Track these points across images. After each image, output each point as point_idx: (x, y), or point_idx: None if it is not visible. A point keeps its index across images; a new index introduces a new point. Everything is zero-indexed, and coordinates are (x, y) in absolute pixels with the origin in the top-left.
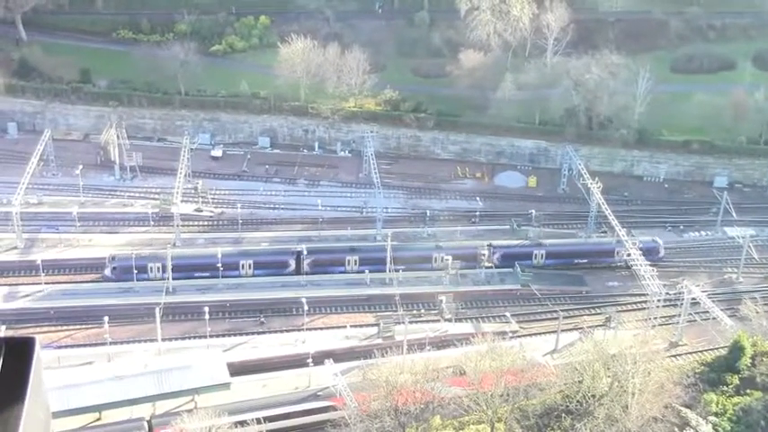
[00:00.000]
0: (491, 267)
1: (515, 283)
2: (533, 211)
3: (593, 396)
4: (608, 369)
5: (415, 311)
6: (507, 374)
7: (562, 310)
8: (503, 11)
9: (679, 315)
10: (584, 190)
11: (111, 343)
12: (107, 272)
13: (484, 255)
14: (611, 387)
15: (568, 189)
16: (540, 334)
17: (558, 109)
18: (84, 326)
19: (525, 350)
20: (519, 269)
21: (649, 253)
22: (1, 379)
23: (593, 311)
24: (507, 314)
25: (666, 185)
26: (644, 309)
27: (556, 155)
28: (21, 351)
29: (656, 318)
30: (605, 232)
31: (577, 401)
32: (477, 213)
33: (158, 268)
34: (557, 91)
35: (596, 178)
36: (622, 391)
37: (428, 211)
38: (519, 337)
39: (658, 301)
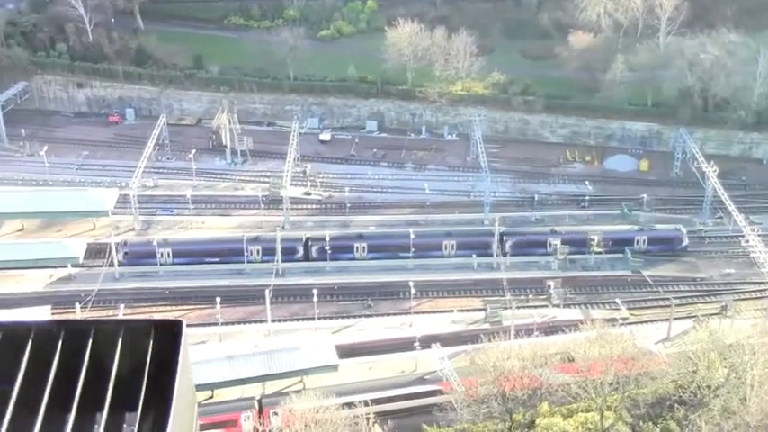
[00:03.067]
0: (601, 253)
1: (626, 268)
2: (645, 195)
3: (708, 387)
4: (724, 359)
5: (522, 297)
6: (617, 362)
7: (675, 298)
8: None
9: None
10: (699, 174)
11: (222, 323)
12: (119, 257)
13: (501, 243)
14: (728, 378)
15: (682, 173)
16: (651, 321)
17: (672, 90)
18: (197, 306)
19: (636, 338)
20: (630, 255)
21: (671, 242)
22: (153, 357)
23: (708, 299)
24: (617, 300)
25: None
26: (763, 297)
27: (669, 138)
28: (170, 332)
29: None
30: (721, 218)
31: (691, 392)
32: (587, 198)
33: (168, 254)
34: (670, 72)
35: (712, 162)
36: (740, 382)
37: (536, 196)
38: (629, 324)
39: None
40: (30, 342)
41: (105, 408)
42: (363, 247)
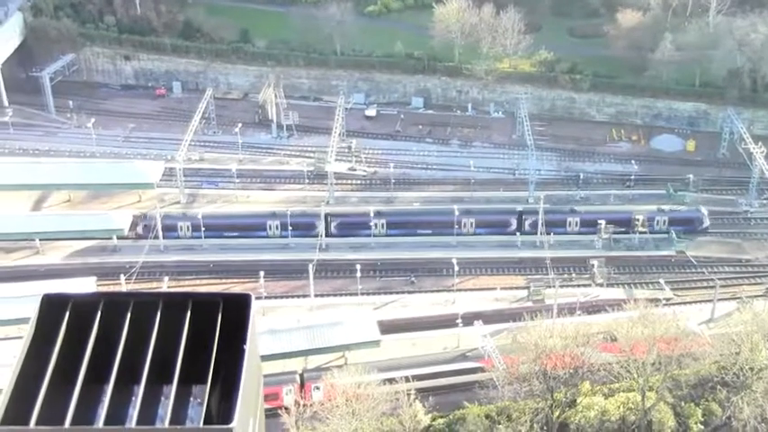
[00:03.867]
0: (645, 233)
1: (670, 248)
2: (691, 175)
3: (752, 369)
4: None
5: (566, 275)
6: (660, 342)
7: (719, 279)
8: None
9: None
10: (746, 155)
11: (265, 297)
12: (139, 229)
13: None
14: None
15: (729, 154)
16: (695, 302)
17: (720, 70)
18: (240, 280)
19: (679, 318)
20: (674, 235)
21: (691, 223)
22: (221, 331)
23: (753, 281)
24: (661, 281)
25: None
26: None
27: (716, 118)
28: (239, 306)
29: None
30: None
31: (734, 374)
32: (632, 177)
33: (188, 227)
34: (719, 52)
35: (759, 143)
36: None
37: (581, 174)
38: (673, 304)
39: None
40: (98, 314)
41: (174, 381)
42: (382, 224)
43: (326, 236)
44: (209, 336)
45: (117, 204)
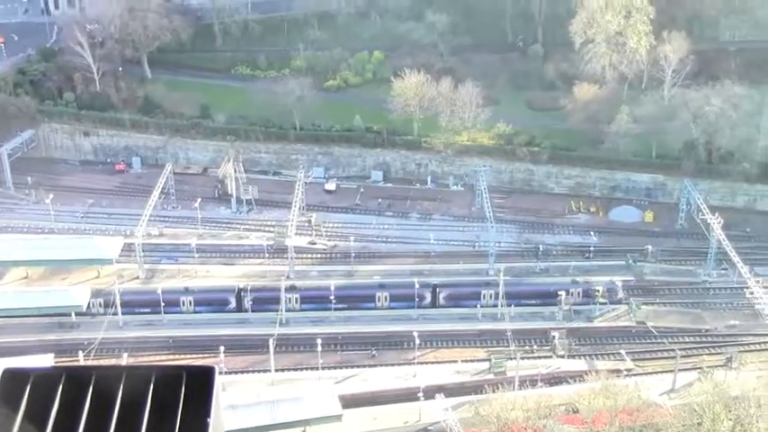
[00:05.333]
0: (605, 304)
1: (631, 319)
2: (650, 246)
3: None
4: (729, 412)
5: (527, 347)
6: (621, 414)
7: (680, 349)
8: (619, 43)
9: None
10: (704, 225)
11: (225, 372)
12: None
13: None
14: (733, 431)
15: (686, 224)
16: (656, 373)
17: (676, 142)
18: (200, 355)
19: (640, 389)
20: (634, 305)
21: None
22: (185, 404)
23: (713, 351)
24: (622, 351)
25: None
26: None
27: (673, 189)
28: (202, 378)
29: None
30: (726, 269)
31: None
32: (592, 248)
33: (99, 304)
34: (674, 124)
35: (716, 213)
36: None
37: (541, 246)
38: (634, 375)
39: None
40: (60, 387)
41: None
42: (295, 299)
43: (241, 311)
44: (173, 409)
45: (75, 280)
